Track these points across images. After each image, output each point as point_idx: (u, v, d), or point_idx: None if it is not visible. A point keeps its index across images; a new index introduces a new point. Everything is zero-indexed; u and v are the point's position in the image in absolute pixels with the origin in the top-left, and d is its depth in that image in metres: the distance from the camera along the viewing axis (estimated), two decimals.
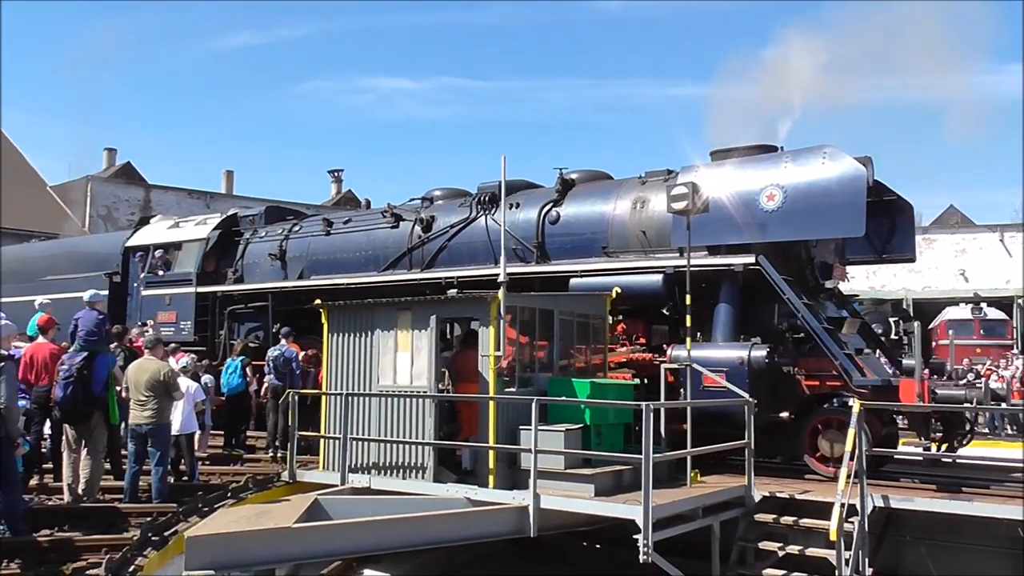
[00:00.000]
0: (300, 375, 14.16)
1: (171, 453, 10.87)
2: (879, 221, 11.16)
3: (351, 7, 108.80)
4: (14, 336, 11.99)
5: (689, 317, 10.32)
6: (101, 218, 37.75)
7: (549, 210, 12.83)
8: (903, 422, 11.10)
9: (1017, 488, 9.23)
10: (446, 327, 11.44)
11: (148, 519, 8.92)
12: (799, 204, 10.22)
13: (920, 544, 9.27)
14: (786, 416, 10.32)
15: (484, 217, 13.44)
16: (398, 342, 10.06)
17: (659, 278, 11.09)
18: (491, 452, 9.26)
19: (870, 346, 11.52)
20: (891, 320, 15.83)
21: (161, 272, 18.01)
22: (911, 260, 12.26)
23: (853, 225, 10.05)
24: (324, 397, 10.71)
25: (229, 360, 15.03)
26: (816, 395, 10.42)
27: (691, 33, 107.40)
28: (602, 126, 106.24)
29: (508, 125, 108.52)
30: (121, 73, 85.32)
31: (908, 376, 9.54)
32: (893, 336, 13.29)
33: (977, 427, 12.88)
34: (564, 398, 9.68)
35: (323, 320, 10.77)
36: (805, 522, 8.77)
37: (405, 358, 9.98)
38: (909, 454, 10.88)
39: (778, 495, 9.26)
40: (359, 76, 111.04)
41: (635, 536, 7.76)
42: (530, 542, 8.97)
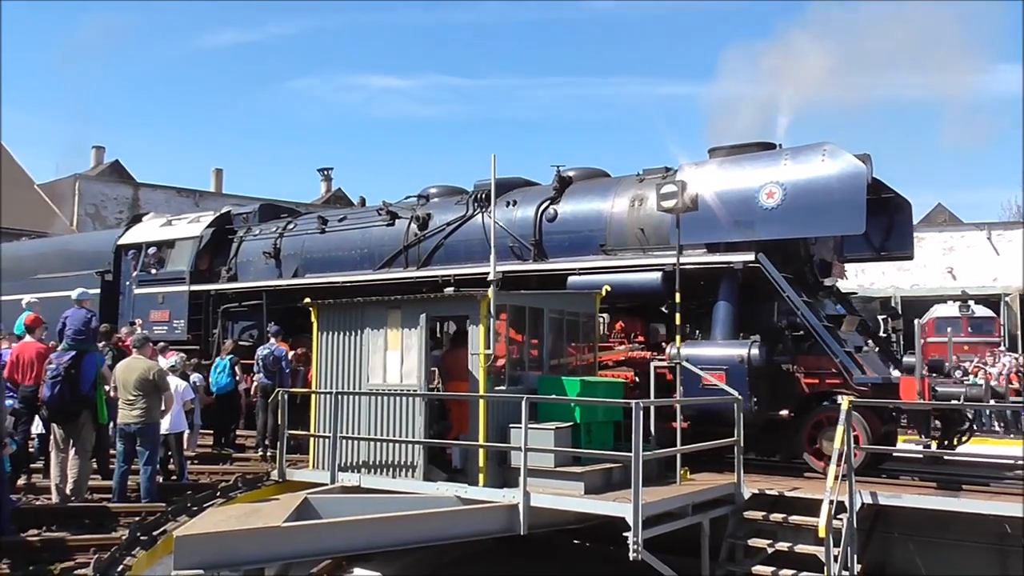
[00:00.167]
0: (290, 374, 14.13)
1: (160, 452, 10.83)
2: (877, 219, 11.11)
3: (341, 5, 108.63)
4: (2, 336, 11.98)
5: (679, 316, 10.36)
6: (89, 216, 37.55)
7: (546, 208, 12.75)
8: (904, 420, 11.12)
9: (1015, 485, 9.30)
10: (436, 325, 11.44)
11: (137, 519, 8.89)
12: (799, 201, 10.19)
13: (908, 540, 9.31)
14: (785, 414, 10.31)
15: (481, 215, 13.31)
16: (388, 340, 10.06)
17: (658, 276, 11.03)
18: (481, 450, 9.27)
19: (868, 343, 11.53)
20: (879, 318, 15.87)
21: (154, 270, 17.86)
22: (909, 258, 12.25)
23: (853, 222, 10.03)
24: (314, 396, 10.70)
25: (218, 359, 14.98)
26: (815, 393, 10.40)
27: (680, 32, 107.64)
28: (592, 124, 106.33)
29: (499, 123, 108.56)
30: (109, 70, 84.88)
31: (908, 373, 9.58)
32: (882, 334, 13.30)
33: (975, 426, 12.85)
34: (554, 396, 9.70)
35: (312, 318, 10.76)
36: (794, 519, 8.81)
37: (395, 356, 9.98)
38: (907, 451, 10.92)
39: (767, 492, 9.30)
40: (349, 74, 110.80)
41: (625, 534, 7.79)
42: (520, 540, 8.99)
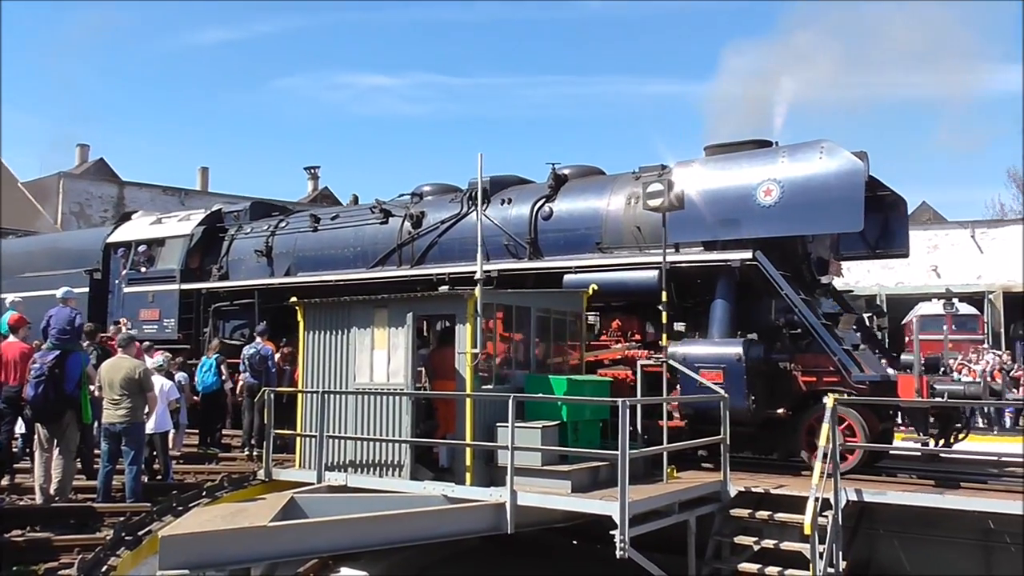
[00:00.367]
0: (276, 373, 14.08)
1: (145, 452, 10.78)
2: (873, 217, 11.06)
3: (329, 4, 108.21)
4: None
5: (665, 314, 10.36)
6: (74, 215, 37.28)
7: (542, 206, 12.68)
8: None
9: (1011, 482, 9.36)
10: (423, 324, 11.42)
11: (122, 519, 8.84)
12: (797, 199, 10.16)
13: (893, 537, 9.35)
14: (783, 412, 10.30)
15: (480, 212, 13.26)
16: (375, 339, 10.04)
17: (655, 274, 10.90)
18: (468, 449, 9.27)
19: (864, 342, 11.56)
20: (865, 316, 15.95)
21: (144, 269, 17.74)
22: (904, 256, 12.23)
23: (851, 220, 10.02)
24: (300, 395, 10.67)
25: (204, 358, 14.91)
26: (813, 391, 10.34)
27: (670, 31, 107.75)
28: (582, 123, 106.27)
29: (487, 122, 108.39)
30: (95, 68, 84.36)
31: (906, 371, 9.60)
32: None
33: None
34: (541, 395, 9.71)
35: (299, 318, 10.73)
36: (780, 516, 8.86)
37: (382, 356, 9.96)
38: (901, 449, 10.96)
39: (753, 490, 9.33)
40: (336, 72, 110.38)
41: (612, 532, 7.81)
42: (507, 539, 8.99)
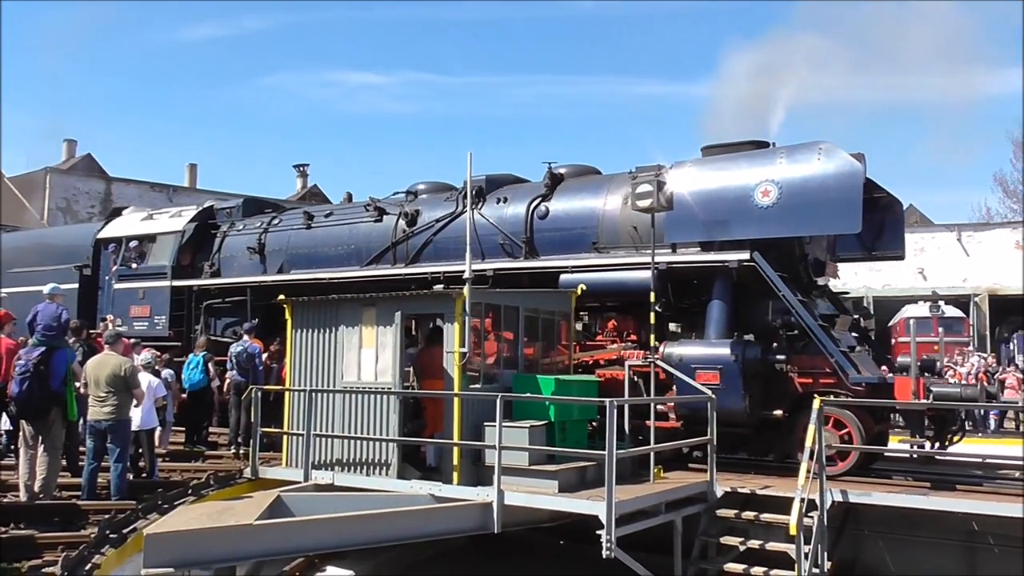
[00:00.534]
0: (263, 371, 14.04)
1: (131, 449, 10.73)
2: (869, 218, 11.01)
3: (318, 2, 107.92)
4: None
5: (653, 315, 10.37)
6: (60, 210, 37.10)
7: (538, 205, 12.64)
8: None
9: (1007, 484, 9.41)
10: (411, 323, 11.40)
11: (107, 516, 8.80)
12: (795, 200, 10.14)
13: (878, 538, 9.40)
14: (779, 414, 10.29)
15: (471, 211, 13.14)
16: (363, 338, 10.02)
17: (651, 274, 10.87)
18: (455, 448, 9.25)
19: (860, 343, 11.58)
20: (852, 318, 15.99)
21: (134, 265, 17.60)
22: (900, 258, 12.23)
23: (849, 221, 10.02)
24: (287, 393, 10.64)
25: (191, 356, 14.85)
26: (809, 393, 10.24)
27: (660, 32, 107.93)
28: (572, 122, 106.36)
29: (476, 120, 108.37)
30: (82, 63, 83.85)
31: (903, 373, 9.63)
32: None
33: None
34: (529, 395, 9.71)
35: (287, 316, 10.70)
36: (766, 517, 8.89)
37: (370, 354, 9.94)
38: (898, 451, 10.99)
39: (740, 490, 9.36)
40: (325, 70, 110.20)
41: (598, 532, 7.82)
42: (494, 538, 8.99)
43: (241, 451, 13.01)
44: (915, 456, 10.63)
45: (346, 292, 11.79)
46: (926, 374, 9.86)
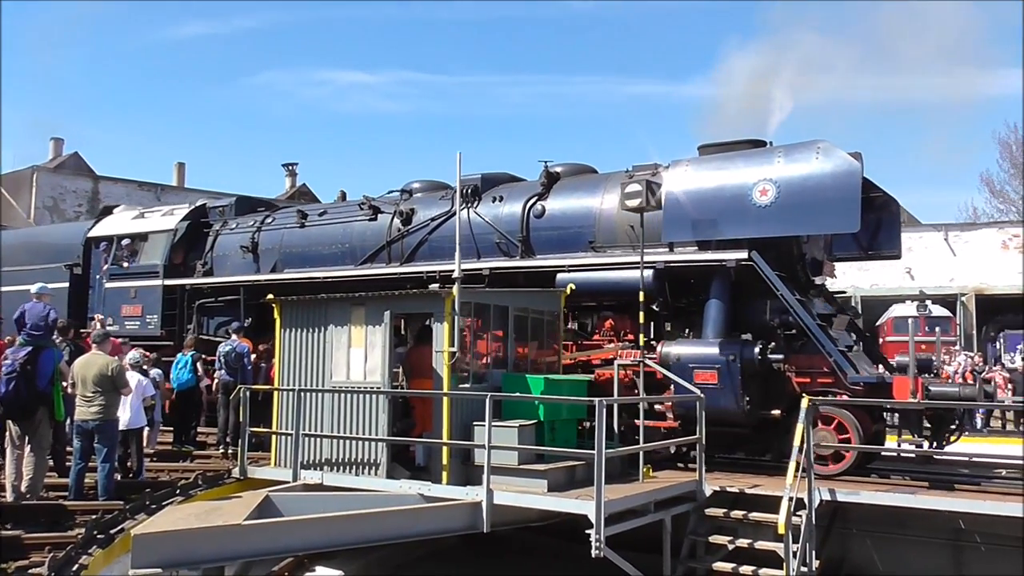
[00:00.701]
0: (252, 370, 13.99)
1: (119, 449, 10.68)
2: (865, 218, 11.03)
3: (308, 1, 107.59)
4: None
5: (642, 315, 10.39)
6: (47, 209, 36.83)
7: (534, 204, 12.59)
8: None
9: (1006, 484, 9.45)
10: (401, 323, 11.39)
11: (94, 517, 8.77)
12: (793, 199, 10.11)
13: (866, 536, 9.45)
14: (777, 413, 10.29)
15: (466, 210, 13.03)
16: (352, 338, 10.00)
17: (649, 273, 10.80)
18: (445, 448, 9.25)
19: (856, 343, 11.60)
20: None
21: (126, 264, 17.50)
22: (896, 257, 12.25)
23: (848, 221, 10.01)
24: (276, 393, 10.61)
25: (179, 355, 14.79)
26: (807, 392, 10.39)
27: (654, 32, 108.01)
28: (565, 122, 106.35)
29: (468, 120, 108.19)
30: (69, 61, 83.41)
31: (900, 372, 9.65)
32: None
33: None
34: (518, 394, 9.71)
35: (275, 315, 10.67)
36: (754, 516, 8.93)
37: (359, 354, 9.93)
38: (895, 450, 11.03)
39: (728, 490, 9.40)
40: (316, 69, 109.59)
41: (587, 531, 7.83)
42: (484, 538, 8.99)
43: (229, 451, 12.97)
44: (913, 455, 10.69)
45: (340, 291, 11.73)
46: (924, 374, 9.88)
